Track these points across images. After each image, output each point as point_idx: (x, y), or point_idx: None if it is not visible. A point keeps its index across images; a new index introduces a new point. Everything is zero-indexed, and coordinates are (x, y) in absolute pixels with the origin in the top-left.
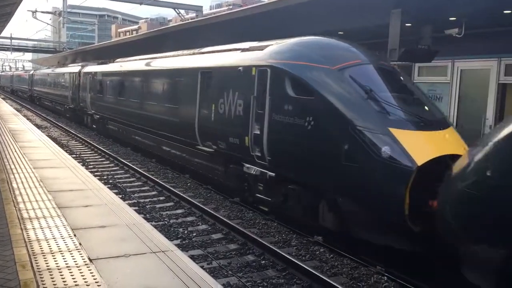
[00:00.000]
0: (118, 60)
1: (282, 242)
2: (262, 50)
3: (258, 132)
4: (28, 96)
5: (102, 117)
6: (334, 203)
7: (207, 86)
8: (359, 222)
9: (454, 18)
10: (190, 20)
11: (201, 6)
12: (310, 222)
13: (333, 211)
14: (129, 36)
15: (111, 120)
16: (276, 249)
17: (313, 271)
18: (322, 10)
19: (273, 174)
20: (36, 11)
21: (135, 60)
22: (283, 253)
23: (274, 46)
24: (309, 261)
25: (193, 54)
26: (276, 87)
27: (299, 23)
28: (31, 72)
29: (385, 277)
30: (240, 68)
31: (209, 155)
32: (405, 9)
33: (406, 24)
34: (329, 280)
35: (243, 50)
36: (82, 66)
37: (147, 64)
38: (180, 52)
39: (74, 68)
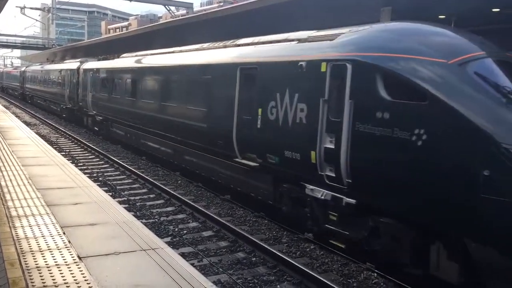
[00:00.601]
0: (124, 55)
1: (273, 239)
2: (332, 40)
3: (331, 146)
4: (20, 94)
5: (105, 119)
6: (459, 248)
7: (249, 86)
8: (502, 276)
9: (444, 16)
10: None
11: (192, 3)
12: (412, 269)
13: (458, 258)
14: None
15: (116, 123)
16: (266, 246)
17: (304, 268)
18: (312, 9)
19: (353, 201)
20: (24, 7)
21: (148, 55)
22: (273, 250)
23: (352, 34)
24: (299, 258)
25: (225, 46)
26: (361, 87)
27: (290, 21)
28: (22, 69)
29: (375, 274)
30: (301, 63)
31: (251, 170)
32: (395, 7)
33: None
34: (319, 277)
35: (301, 41)
36: (81, 62)
37: (165, 60)
38: (206, 45)
39: (72, 64)
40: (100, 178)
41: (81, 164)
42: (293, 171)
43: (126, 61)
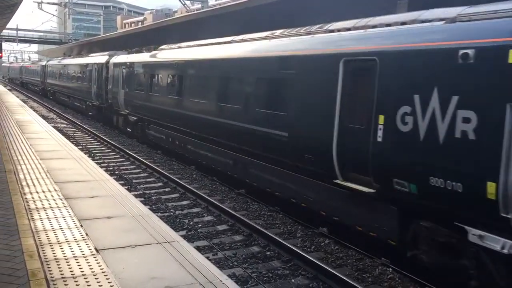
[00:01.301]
0: (164, 47)
1: (287, 233)
2: None
3: None
4: (41, 89)
5: (141, 120)
6: None
7: (361, 83)
8: None
9: None
10: None
11: None
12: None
13: None
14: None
15: (155, 125)
16: (281, 240)
17: (318, 262)
18: (331, 1)
19: None
20: (42, 2)
21: (198, 46)
22: (288, 244)
23: None
24: (314, 252)
25: (310, 33)
26: None
27: (304, 12)
28: (44, 63)
29: (390, 269)
30: (465, 51)
31: (359, 197)
32: (412, 1)
33: None
34: (334, 271)
35: (451, 20)
36: (110, 56)
37: (223, 51)
38: (279, 32)
39: (100, 58)
40: (116, 172)
41: (98, 157)
42: (444, 206)
43: (169, 53)
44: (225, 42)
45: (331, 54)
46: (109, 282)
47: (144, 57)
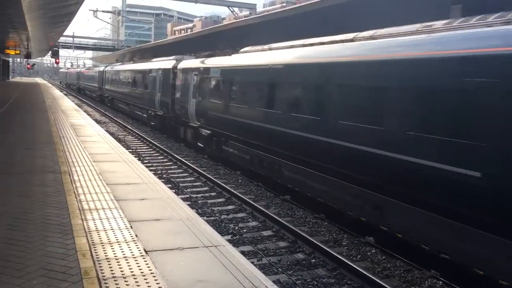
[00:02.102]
0: (247, 49)
1: (333, 241)
2: None
3: None
4: (98, 96)
5: (216, 134)
6: None
7: None
8: None
9: None
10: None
11: (255, 4)
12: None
13: None
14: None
15: (236, 141)
16: (326, 248)
17: (365, 272)
18: (383, 5)
19: None
20: (97, 10)
21: (298, 46)
22: (333, 253)
23: None
24: (360, 261)
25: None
26: None
27: (359, 18)
28: (101, 68)
29: (441, 282)
30: None
31: None
32: (465, 5)
33: None
34: (381, 282)
35: None
36: (177, 60)
37: (345, 51)
38: (440, 24)
39: (165, 63)
40: (164, 175)
41: (147, 161)
42: None
43: (258, 56)
44: (345, 41)
45: None
46: (157, 283)
47: (222, 61)
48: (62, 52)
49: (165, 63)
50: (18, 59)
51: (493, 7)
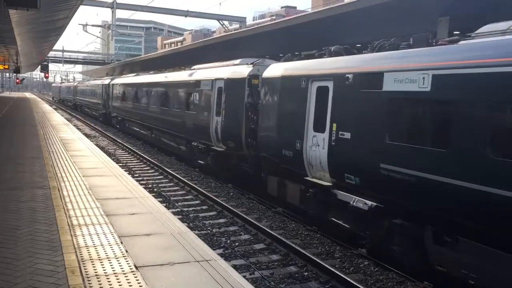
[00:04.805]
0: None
1: (325, 253)
2: None
3: None
4: (101, 115)
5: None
6: None
7: None
8: None
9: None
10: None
11: (245, 18)
12: None
13: None
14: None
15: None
16: (319, 261)
17: (358, 285)
18: (370, 19)
19: None
20: (86, 24)
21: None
22: (326, 265)
23: None
24: (353, 273)
25: None
26: None
27: (349, 32)
28: (107, 81)
29: None
30: None
31: None
32: (453, 17)
33: (454, 33)
34: None
35: None
36: (256, 65)
37: None
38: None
39: (226, 70)
40: (155, 189)
41: (137, 175)
42: None
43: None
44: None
45: None
46: None
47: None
48: (51, 66)
49: (226, 70)
50: (7, 74)
51: (480, 19)
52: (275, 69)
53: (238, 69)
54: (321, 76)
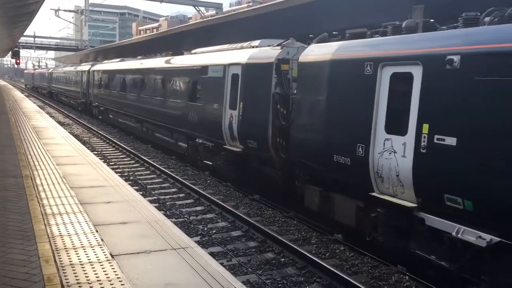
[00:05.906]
0: None
1: (302, 239)
2: None
3: None
4: (81, 104)
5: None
6: None
7: None
8: None
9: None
10: None
11: (221, 4)
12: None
13: None
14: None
15: None
16: (295, 247)
17: (333, 269)
18: (346, 5)
19: None
20: (59, 9)
21: None
22: (303, 251)
23: None
24: (329, 259)
25: None
26: None
27: (322, 19)
28: (87, 67)
29: (407, 277)
30: None
31: None
32: (427, 5)
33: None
34: (349, 279)
35: None
36: (284, 47)
37: None
38: None
39: (244, 53)
40: (131, 177)
41: (113, 163)
42: None
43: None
44: None
45: None
46: None
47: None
48: (23, 52)
49: (244, 53)
50: None
51: (455, 8)
52: (320, 51)
53: (261, 52)
54: (400, 58)
